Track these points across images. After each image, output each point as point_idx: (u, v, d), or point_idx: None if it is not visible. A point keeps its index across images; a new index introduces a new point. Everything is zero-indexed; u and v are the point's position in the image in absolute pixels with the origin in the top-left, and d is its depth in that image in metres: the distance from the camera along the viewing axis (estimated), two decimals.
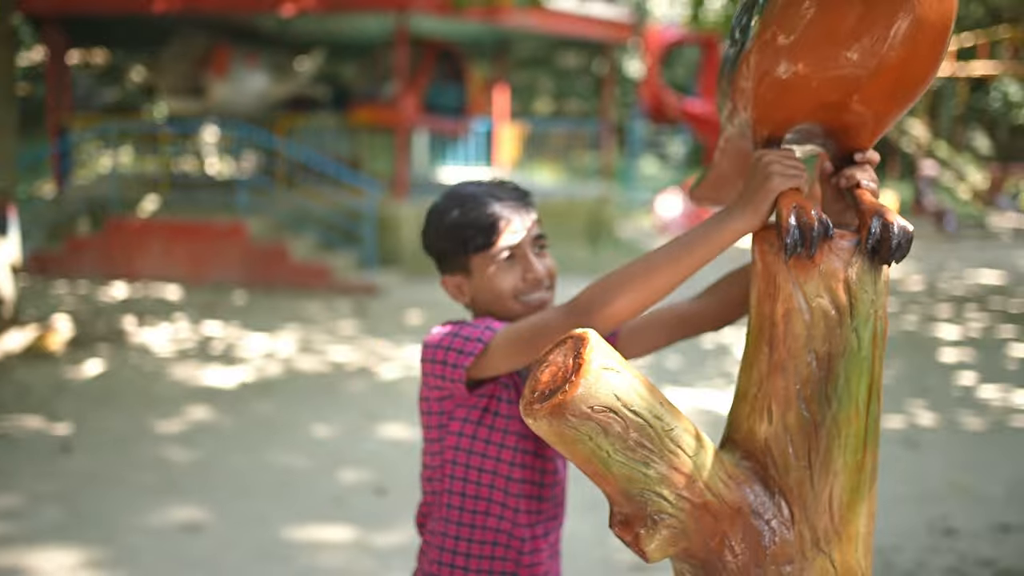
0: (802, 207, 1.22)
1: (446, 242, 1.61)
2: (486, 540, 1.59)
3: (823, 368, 1.24)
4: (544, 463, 1.62)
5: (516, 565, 1.60)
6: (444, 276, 1.66)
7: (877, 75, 1.17)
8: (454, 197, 1.62)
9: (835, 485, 1.26)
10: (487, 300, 1.61)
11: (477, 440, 1.57)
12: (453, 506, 1.60)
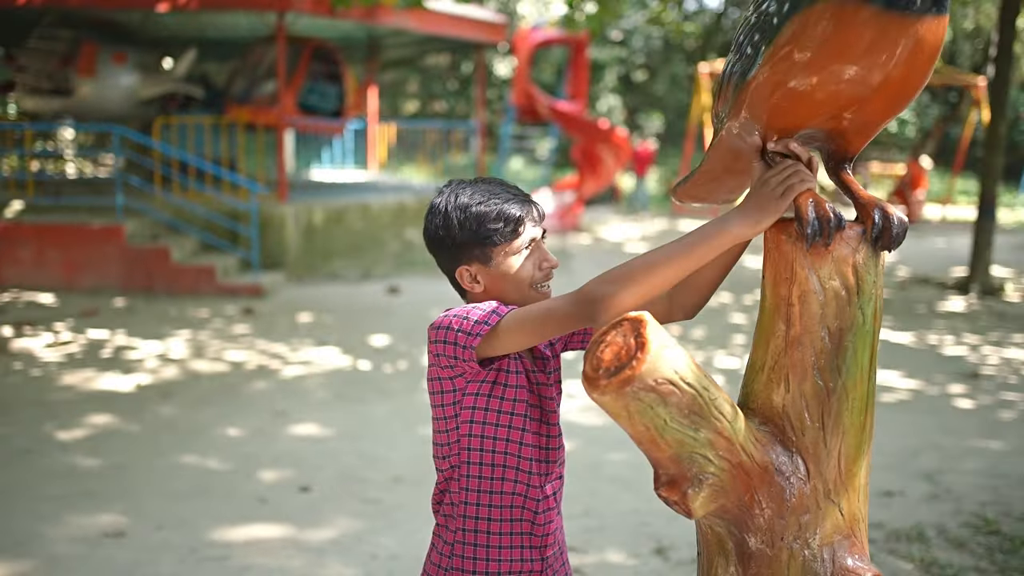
0: (819, 202, 1.41)
1: (469, 233, 1.69)
2: (504, 504, 1.72)
3: (834, 342, 1.43)
4: (549, 428, 1.78)
5: (532, 525, 1.74)
6: (460, 266, 1.73)
7: (881, 89, 1.37)
8: (472, 193, 1.71)
9: (843, 443, 1.46)
10: (504, 288, 1.71)
11: (490, 412, 1.71)
12: (472, 476, 1.72)
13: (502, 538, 1.73)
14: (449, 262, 1.75)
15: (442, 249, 1.75)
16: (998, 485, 4.73)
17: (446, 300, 8.33)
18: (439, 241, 1.75)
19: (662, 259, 1.50)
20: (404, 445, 5.08)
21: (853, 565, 1.46)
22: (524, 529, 1.74)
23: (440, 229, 1.73)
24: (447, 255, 1.74)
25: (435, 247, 1.76)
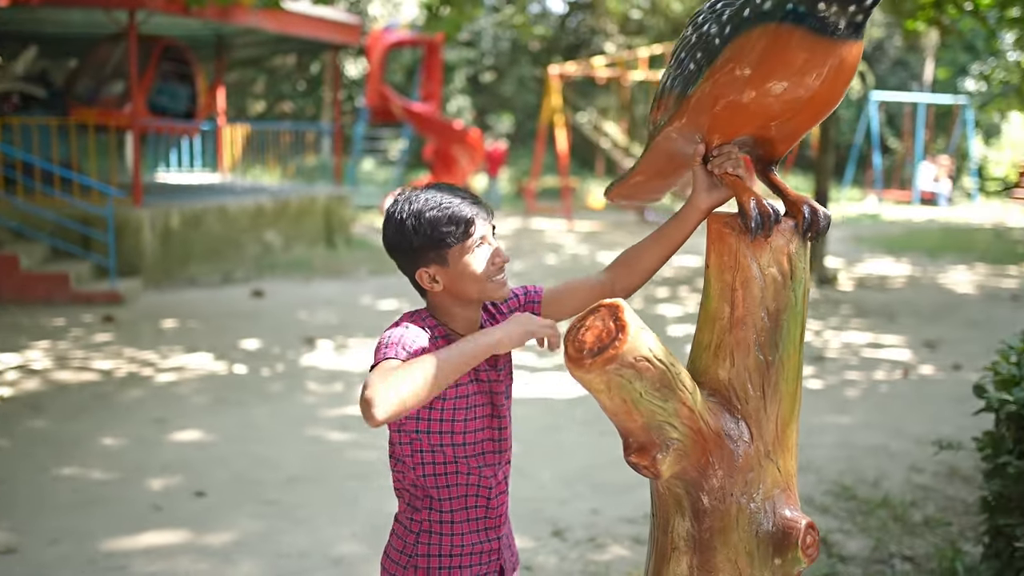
0: (758, 199, 1.62)
1: (424, 238, 1.78)
2: (461, 494, 1.85)
3: (772, 321, 1.65)
4: (500, 420, 1.89)
5: (487, 509, 1.88)
6: (420, 268, 1.81)
7: (809, 102, 1.59)
8: (424, 200, 1.80)
9: (780, 409, 1.68)
10: (463, 285, 1.81)
11: (443, 411, 1.80)
12: (428, 474, 1.83)
13: (462, 525, 1.85)
14: (408, 266, 1.83)
15: (401, 255, 1.83)
16: (852, 455, 5.19)
17: (313, 302, 8.50)
18: (397, 248, 1.83)
19: (430, 377, 1.61)
20: (294, 446, 5.11)
21: (790, 515, 1.68)
22: (480, 514, 1.87)
23: (397, 237, 1.81)
24: (406, 260, 1.83)
25: (394, 253, 1.85)
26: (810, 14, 1.50)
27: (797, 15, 1.50)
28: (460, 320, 1.86)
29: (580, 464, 4.98)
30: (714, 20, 1.64)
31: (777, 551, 1.67)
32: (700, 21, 1.69)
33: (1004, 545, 2.81)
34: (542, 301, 1.96)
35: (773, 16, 1.53)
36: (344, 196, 13.64)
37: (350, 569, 3.70)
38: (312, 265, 11.46)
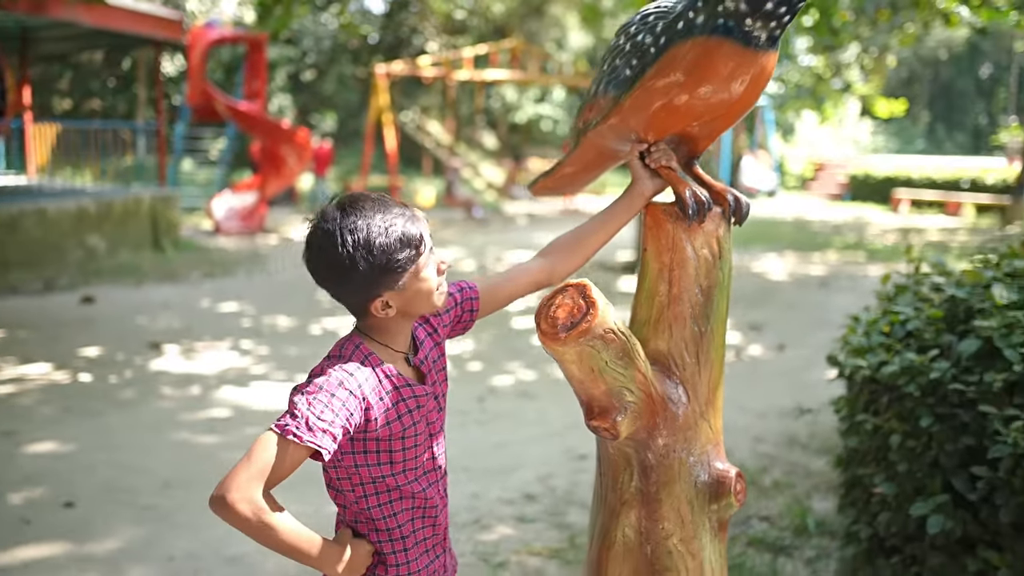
0: (693, 189, 1.84)
1: (380, 270, 1.64)
2: (407, 520, 1.79)
3: (705, 296, 1.88)
4: (435, 440, 1.82)
5: (433, 529, 1.84)
6: (373, 300, 1.68)
7: (733, 105, 1.82)
8: (366, 225, 1.63)
9: (711, 374, 1.91)
10: (416, 303, 1.72)
11: (370, 454, 1.72)
12: (372, 505, 1.76)
13: (414, 549, 1.80)
14: (359, 298, 1.70)
15: (349, 289, 1.69)
16: None
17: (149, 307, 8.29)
18: (345, 283, 1.67)
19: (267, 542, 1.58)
20: (161, 451, 5.01)
21: (722, 467, 1.92)
22: (428, 534, 1.83)
23: (348, 272, 1.64)
24: (356, 293, 1.69)
25: (340, 289, 1.70)
26: (737, 28, 1.72)
27: (726, 29, 1.73)
28: (401, 338, 1.77)
29: (456, 452, 5.13)
30: (647, 31, 1.85)
31: (713, 498, 1.90)
32: (633, 32, 1.89)
33: (860, 494, 3.19)
34: (480, 297, 1.93)
35: (704, 29, 1.74)
36: (171, 198, 13.19)
37: (248, 567, 3.72)
38: (142, 269, 11.05)
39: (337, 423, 1.60)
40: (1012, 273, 3.09)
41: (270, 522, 1.56)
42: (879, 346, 3.06)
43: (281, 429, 1.58)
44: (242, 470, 1.55)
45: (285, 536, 1.58)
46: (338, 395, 1.62)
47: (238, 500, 1.53)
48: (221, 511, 1.54)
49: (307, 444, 1.56)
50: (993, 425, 2.53)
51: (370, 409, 1.67)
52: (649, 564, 1.89)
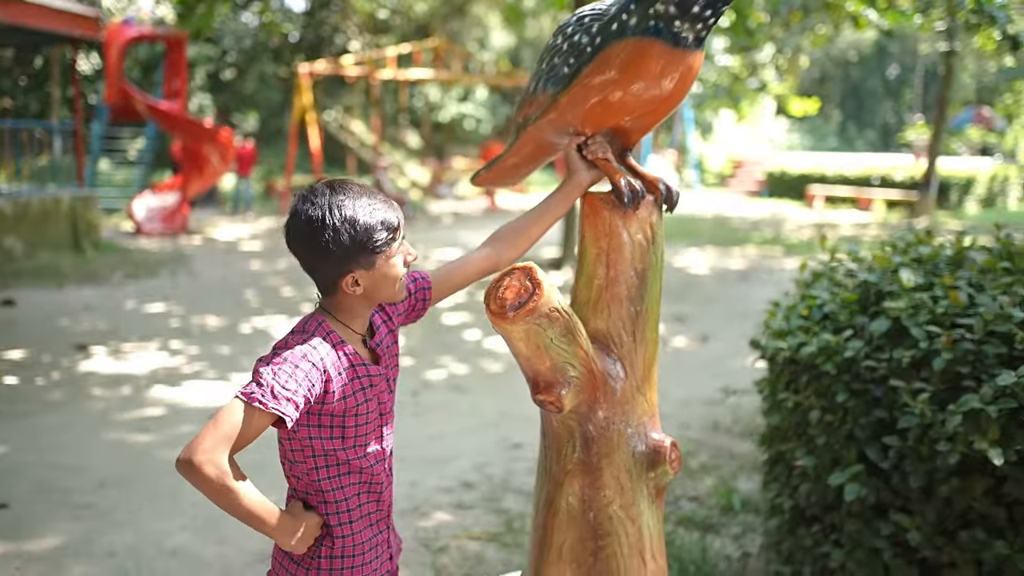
0: (628, 179, 1.97)
1: (359, 245, 1.74)
2: (353, 493, 1.89)
3: (640, 278, 2.02)
4: (384, 418, 1.93)
5: (377, 504, 1.94)
6: (346, 275, 1.78)
7: (664, 101, 1.96)
8: (352, 204, 1.75)
9: (646, 351, 2.05)
10: (382, 286, 1.82)
11: (323, 428, 1.82)
12: (322, 477, 1.85)
13: (359, 522, 1.90)
14: (331, 271, 1.79)
15: (327, 260, 1.77)
16: None
17: (72, 309, 8.26)
18: (324, 253, 1.76)
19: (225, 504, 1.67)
20: (95, 451, 4.98)
21: (657, 437, 2.06)
22: (372, 509, 1.93)
23: (330, 244, 1.73)
24: (332, 265, 1.78)
25: (318, 259, 1.78)
26: (666, 29, 1.86)
27: (657, 30, 1.87)
28: (360, 321, 1.88)
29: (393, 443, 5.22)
30: (584, 32, 1.98)
31: (650, 466, 2.04)
32: (570, 32, 2.02)
33: (782, 469, 3.38)
34: (432, 287, 2.04)
35: (637, 30, 1.88)
36: (90, 199, 12.94)
37: (190, 558, 3.76)
38: (62, 271, 10.83)
39: (300, 392, 1.70)
40: (918, 259, 3.32)
41: (232, 486, 1.64)
42: (798, 328, 3.25)
43: (247, 397, 1.66)
44: (208, 434, 1.63)
45: (245, 502, 1.67)
46: (301, 366, 1.72)
47: (204, 463, 1.61)
48: (187, 473, 1.62)
49: (271, 411, 1.66)
50: (902, 398, 2.73)
51: (329, 382, 1.77)
52: (592, 529, 2.02)
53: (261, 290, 10.03)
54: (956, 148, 32.01)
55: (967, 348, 2.69)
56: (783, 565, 3.35)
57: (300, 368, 1.72)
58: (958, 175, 22.87)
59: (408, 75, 17.96)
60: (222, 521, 4.08)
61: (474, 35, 25.03)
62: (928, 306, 2.88)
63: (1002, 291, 2.89)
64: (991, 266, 3.17)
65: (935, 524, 2.71)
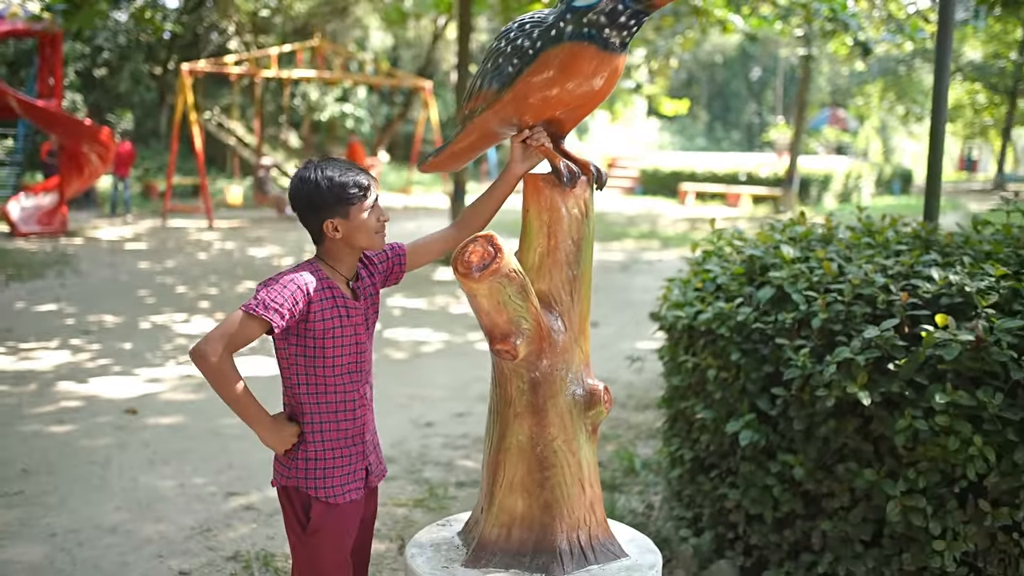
0: (567, 162, 2.33)
1: (335, 197, 2.24)
2: (330, 409, 2.32)
3: (576, 246, 2.37)
4: (360, 347, 2.35)
5: (352, 421, 2.37)
6: (326, 220, 2.26)
7: (595, 95, 2.32)
8: (330, 169, 2.27)
9: (581, 308, 2.40)
10: (356, 235, 2.29)
11: (307, 347, 2.28)
12: (302, 392, 2.30)
13: (331, 432, 2.33)
14: (316, 217, 2.28)
15: (312, 209, 2.28)
16: None
17: None
18: (311, 202, 2.27)
19: (221, 392, 2.18)
20: (10, 443, 5.03)
21: (592, 382, 2.41)
22: (348, 425, 2.34)
23: (315, 193, 2.25)
24: (316, 213, 2.27)
25: (306, 207, 2.28)
26: (598, 35, 2.22)
27: (589, 36, 2.22)
28: (346, 264, 2.35)
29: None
30: (525, 37, 2.32)
31: (588, 407, 2.39)
32: (512, 37, 2.35)
33: (683, 424, 3.80)
34: (406, 255, 2.51)
35: (573, 36, 2.23)
36: None
37: (130, 535, 3.92)
38: None
39: (285, 306, 2.19)
40: (794, 237, 3.80)
41: (228, 374, 2.17)
42: (695, 299, 3.67)
43: (245, 307, 2.18)
44: (216, 333, 2.16)
45: (238, 391, 2.18)
46: (288, 287, 2.22)
47: (209, 352, 2.14)
48: (197, 359, 2.15)
49: (261, 317, 2.17)
50: (786, 354, 3.17)
51: (312, 303, 2.25)
52: (539, 462, 2.36)
53: (154, 289, 10.00)
54: (813, 147, 33.82)
55: (839, 309, 3.16)
56: (685, 510, 3.77)
57: (287, 288, 2.21)
58: (817, 172, 24.27)
59: (292, 74, 17.94)
60: (155, 503, 4.26)
61: (354, 36, 25.08)
62: (806, 275, 3.34)
63: (866, 261, 3.38)
64: (856, 241, 3.68)
65: (816, 460, 3.17)
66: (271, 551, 3.76)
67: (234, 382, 2.19)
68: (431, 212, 19.81)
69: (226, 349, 2.15)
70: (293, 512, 2.39)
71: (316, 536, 2.35)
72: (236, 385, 2.19)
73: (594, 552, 2.42)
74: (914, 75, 34.53)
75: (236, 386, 2.19)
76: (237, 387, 2.19)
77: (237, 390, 2.19)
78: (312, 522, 2.34)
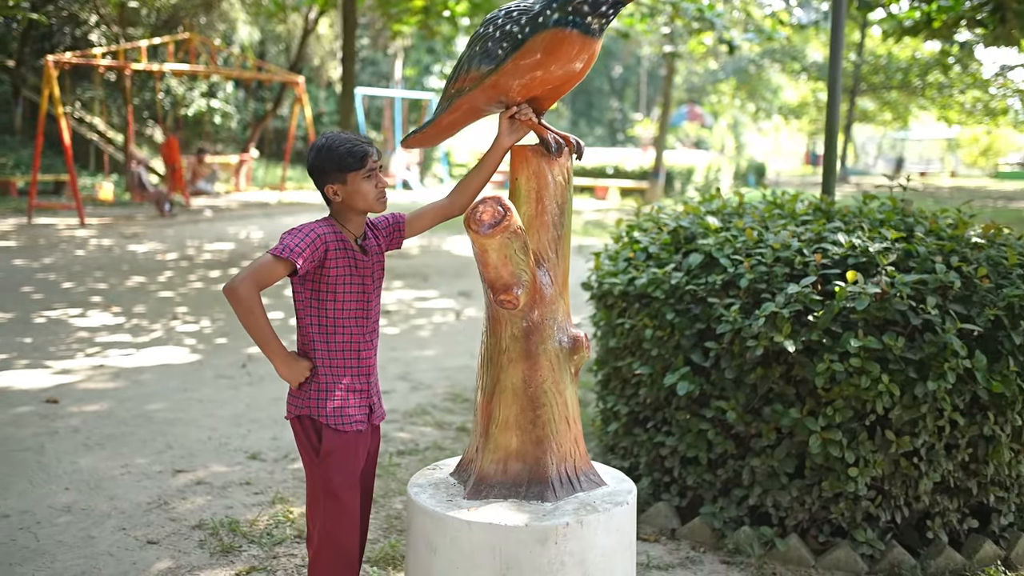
0: (554, 134, 2.62)
1: (333, 164, 2.54)
2: (339, 349, 2.62)
3: (560, 209, 2.67)
4: (367, 295, 2.64)
5: (358, 360, 2.65)
6: (328, 184, 2.56)
7: (574, 76, 2.62)
8: (335, 139, 2.56)
9: (564, 265, 2.71)
10: (355, 199, 2.57)
11: (319, 291, 2.59)
12: (314, 330, 2.61)
13: (339, 368, 2.62)
14: (321, 180, 2.59)
15: (317, 173, 2.59)
16: (448, 374, 6.44)
17: None
18: (316, 167, 2.59)
19: (249, 326, 2.49)
20: None
21: (574, 331, 2.72)
22: (353, 364, 2.64)
23: (317, 160, 2.57)
24: (320, 176, 2.59)
25: (314, 172, 2.60)
26: (581, 22, 2.53)
27: (573, 23, 2.52)
28: (353, 223, 2.63)
29: (240, 409, 5.57)
30: (514, 23, 2.60)
31: (572, 352, 2.69)
32: (500, 23, 2.63)
33: (618, 382, 4.16)
34: (406, 222, 2.79)
35: (559, 23, 2.53)
36: None
37: (85, 512, 3.99)
38: None
39: (307, 251, 2.49)
40: (713, 210, 4.22)
41: (256, 310, 2.46)
42: (628, 268, 4.04)
43: (273, 251, 2.48)
44: (247, 273, 2.46)
45: (263, 323, 2.48)
46: (309, 236, 2.51)
47: (241, 288, 2.44)
48: (230, 294, 2.45)
49: (286, 258, 2.45)
50: (717, 311, 3.57)
51: (328, 251, 2.54)
52: (531, 401, 2.65)
53: (38, 285, 9.73)
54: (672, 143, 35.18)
55: (762, 271, 3.58)
56: (621, 461, 4.13)
57: (308, 236, 2.51)
58: (680, 166, 25.34)
59: (164, 68, 17.52)
60: (103, 482, 4.32)
61: (220, 29, 24.60)
62: (731, 242, 3.75)
63: (782, 228, 3.82)
64: (768, 212, 4.12)
65: (745, 405, 3.58)
66: (234, 517, 3.91)
67: (261, 316, 2.48)
68: (307, 207, 19.73)
69: (255, 285, 2.45)
70: (307, 438, 2.66)
71: (329, 459, 2.62)
72: (262, 319, 2.48)
73: (579, 481, 2.73)
74: (763, 74, 36.37)
75: (262, 320, 2.48)
76: (263, 321, 2.48)
77: (263, 323, 2.48)
78: (324, 446, 2.62)
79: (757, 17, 18.33)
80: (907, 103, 36.47)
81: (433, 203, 2.83)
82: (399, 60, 28.34)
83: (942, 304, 3.40)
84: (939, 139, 53.74)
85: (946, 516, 3.56)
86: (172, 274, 10.67)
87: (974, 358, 3.32)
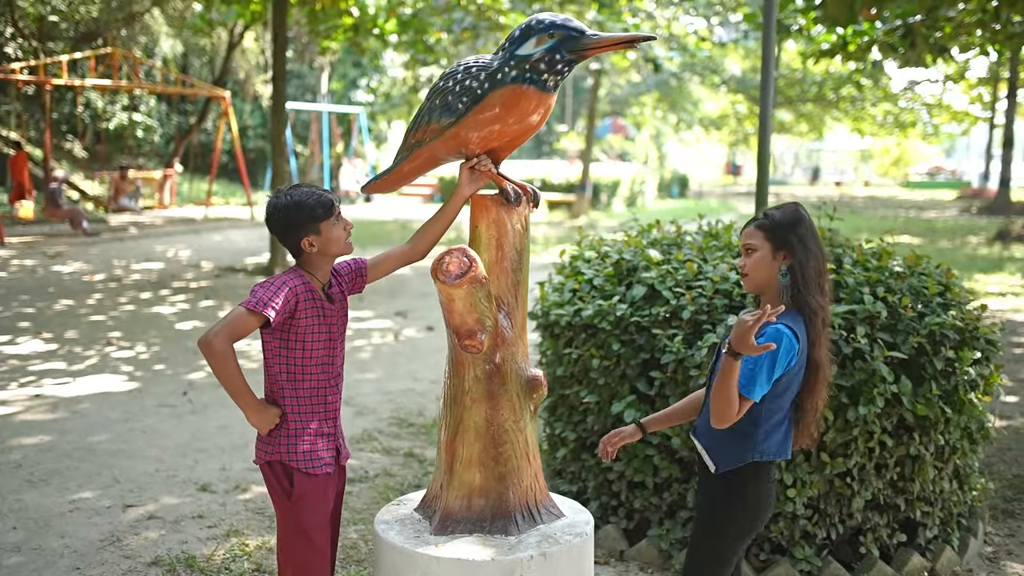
0: (513, 184, 2.76)
1: (305, 215, 2.62)
2: (307, 395, 2.71)
3: (519, 256, 2.80)
4: (333, 343, 2.74)
5: (324, 406, 2.74)
6: (304, 238, 2.64)
7: (530, 129, 2.76)
8: (300, 193, 2.66)
9: (522, 309, 2.84)
10: (329, 246, 2.67)
11: (287, 341, 2.68)
12: (282, 379, 2.69)
13: (307, 415, 2.71)
14: (293, 237, 2.66)
15: (289, 230, 2.67)
16: (392, 398, 6.52)
17: None
18: (287, 225, 2.66)
19: (221, 377, 2.59)
20: None
21: (533, 371, 2.85)
22: (320, 409, 2.73)
23: (288, 217, 2.65)
24: (292, 233, 2.66)
25: (282, 230, 2.68)
26: (537, 79, 2.67)
27: (531, 80, 2.66)
28: (321, 272, 2.73)
29: (185, 439, 5.57)
30: (473, 78, 2.72)
31: (531, 392, 2.82)
32: (460, 78, 2.75)
33: (565, 409, 4.30)
34: (367, 267, 2.88)
35: (516, 79, 2.66)
36: None
37: (37, 552, 3.97)
38: None
39: (278, 303, 2.58)
40: (653, 242, 4.40)
41: (231, 362, 2.56)
42: (573, 299, 4.19)
43: (246, 305, 2.57)
44: (221, 326, 2.55)
45: (236, 376, 2.57)
46: (281, 289, 2.61)
47: (216, 342, 2.54)
48: (204, 348, 2.55)
49: (259, 312, 2.55)
50: (661, 342, 3.74)
51: (298, 304, 2.64)
52: (493, 440, 2.78)
53: None
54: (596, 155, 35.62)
55: (703, 303, 3.77)
56: (570, 485, 4.27)
57: (280, 290, 2.60)
58: (606, 179, 25.72)
59: (86, 83, 17.17)
60: (51, 520, 4.31)
61: (142, 42, 24.19)
62: (672, 274, 3.93)
63: (720, 261, 4.01)
64: (706, 244, 4.32)
65: (689, 431, 3.75)
66: (190, 553, 3.94)
67: (234, 368, 2.58)
68: (234, 223, 19.52)
69: (229, 338, 2.55)
70: (278, 483, 2.74)
71: (300, 502, 2.72)
72: (235, 371, 2.58)
73: (540, 514, 2.87)
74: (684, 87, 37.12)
75: (235, 372, 2.58)
76: (236, 373, 2.58)
77: (236, 375, 2.58)
78: (296, 489, 2.71)
79: (680, 34, 18.77)
80: (822, 115, 37.56)
81: (393, 249, 2.93)
82: (325, 74, 28.20)
83: (870, 333, 3.62)
84: (853, 150, 55.52)
85: (877, 531, 3.78)
86: (101, 296, 10.50)
87: (900, 383, 3.55)
